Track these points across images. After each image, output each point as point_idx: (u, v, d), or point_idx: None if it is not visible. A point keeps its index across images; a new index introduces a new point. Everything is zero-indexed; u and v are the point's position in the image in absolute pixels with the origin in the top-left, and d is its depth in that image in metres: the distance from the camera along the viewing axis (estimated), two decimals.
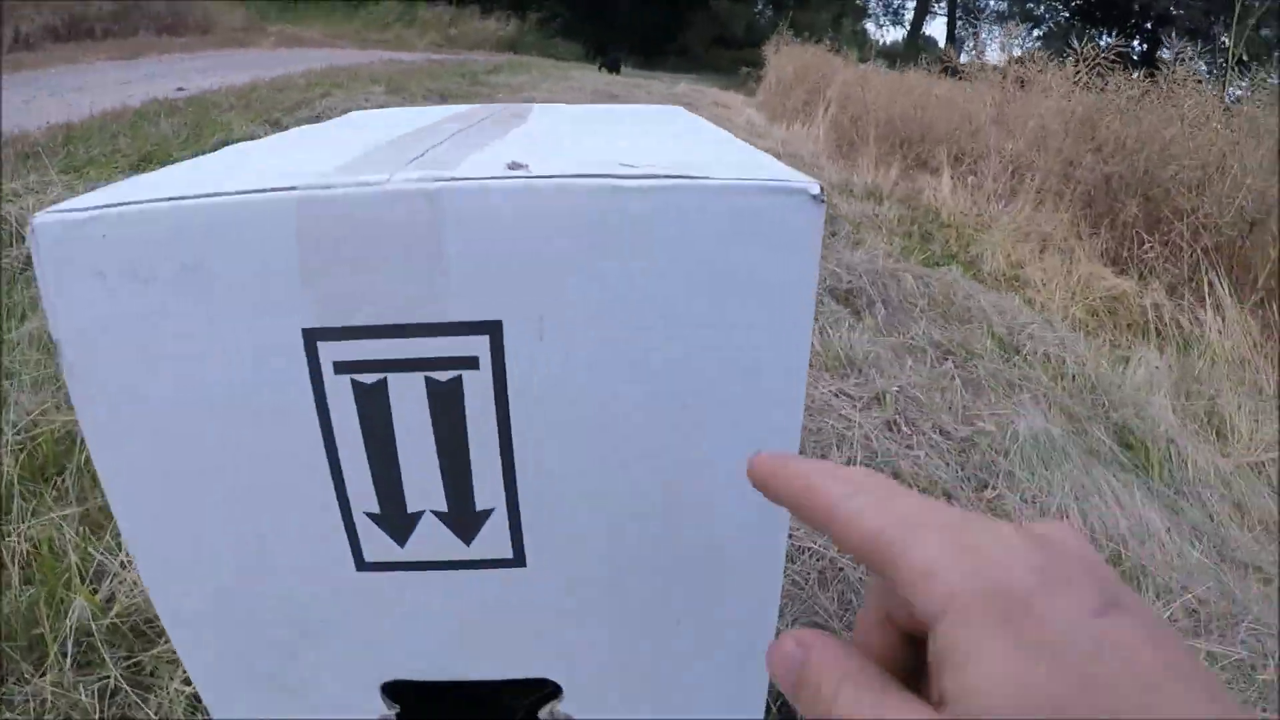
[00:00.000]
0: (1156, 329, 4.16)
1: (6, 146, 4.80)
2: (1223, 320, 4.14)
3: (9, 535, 1.71)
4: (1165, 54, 5.78)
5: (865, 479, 0.41)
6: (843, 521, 0.39)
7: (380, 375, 0.59)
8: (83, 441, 1.93)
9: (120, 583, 1.60)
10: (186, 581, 0.70)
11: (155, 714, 1.38)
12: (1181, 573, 2.08)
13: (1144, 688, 0.30)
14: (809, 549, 1.78)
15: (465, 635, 0.73)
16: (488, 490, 0.65)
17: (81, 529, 1.73)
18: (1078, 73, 6.15)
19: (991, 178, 6.27)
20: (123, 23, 13.96)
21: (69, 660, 1.43)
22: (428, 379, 0.60)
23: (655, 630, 0.75)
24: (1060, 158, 5.89)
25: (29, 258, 2.92)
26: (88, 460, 1.90)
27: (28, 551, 1.67)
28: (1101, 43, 6.35)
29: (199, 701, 1.38)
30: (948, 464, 2.32)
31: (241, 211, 0.56)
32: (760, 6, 41.58)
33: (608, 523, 0.68)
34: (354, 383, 0.60)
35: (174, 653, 1.45)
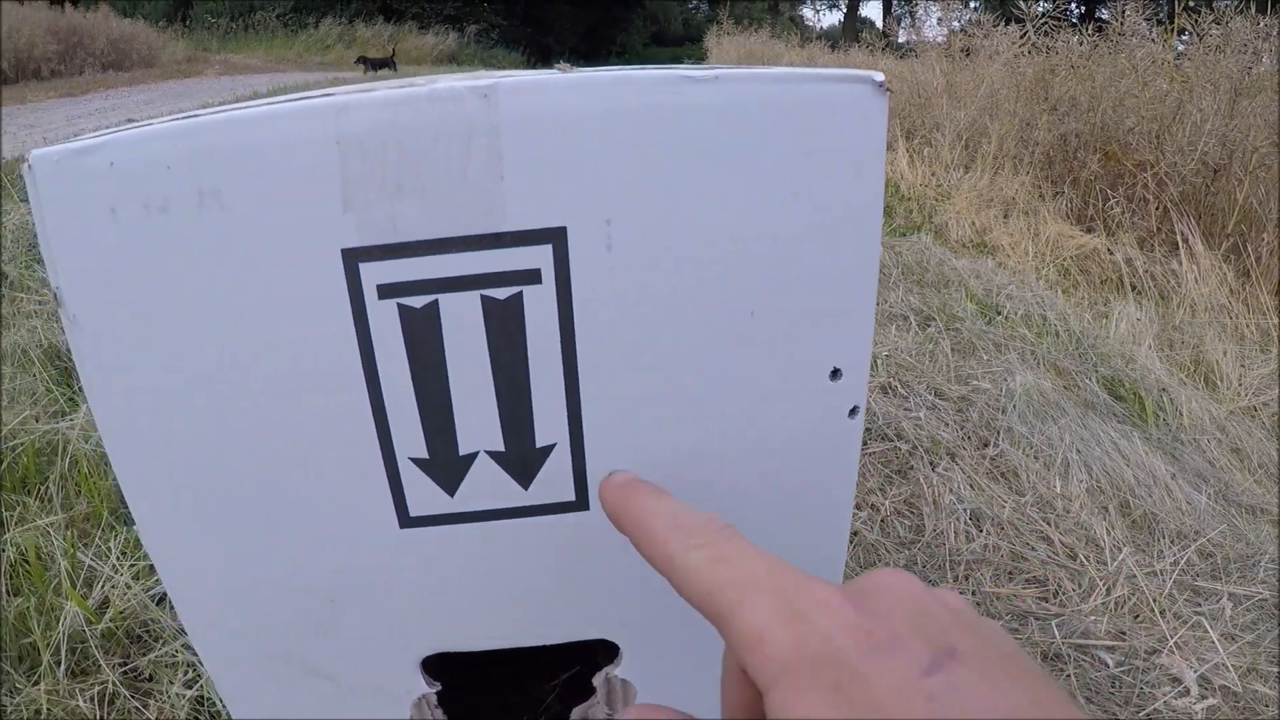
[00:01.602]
0: (1131, 283, 4.15)
1: None
2: (1197, 269, 4.13)
3: None
4: (1103, 14, 5.78)
5: (705, 530, 0.43)
6: (680, 575, 0.42)
7: (431, 297, 0.54)
8: (65, 449, 1.91)
9: (113, 587, 1.55)
10: (203, 555, 0.64)
11: (156, 718, 1.33)
12: (1191, 518, 2.07)
13: None
14: None
15: (517, 596, 0.67)
16: (549, 423, 0.59)
17: (69, 534, 1.68)
18: (1024, 34, 6.16)
19: (947, 147, 6.28)
20: (68, 62, 14.34)
21: (63, 668, 1.39)
22: (484, 297, 0.54)
23: None
24: (1015, 121, 5.89)
25: None
26: (71, 467, 1.86)
27: (13, 560, 1.62)
28: (1039, 8, 6.37)
29: (201, 705, 1.34)
30: (947, 424, 2.30)
31: (272, 125, 0.51)
32: (694, 1, 42.05)
33: (675, 453, 0.62)
34: (401, 307, 0.54)
35: (172, 657, 1.42)
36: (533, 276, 0.54)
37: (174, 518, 0.62)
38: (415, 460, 0.59)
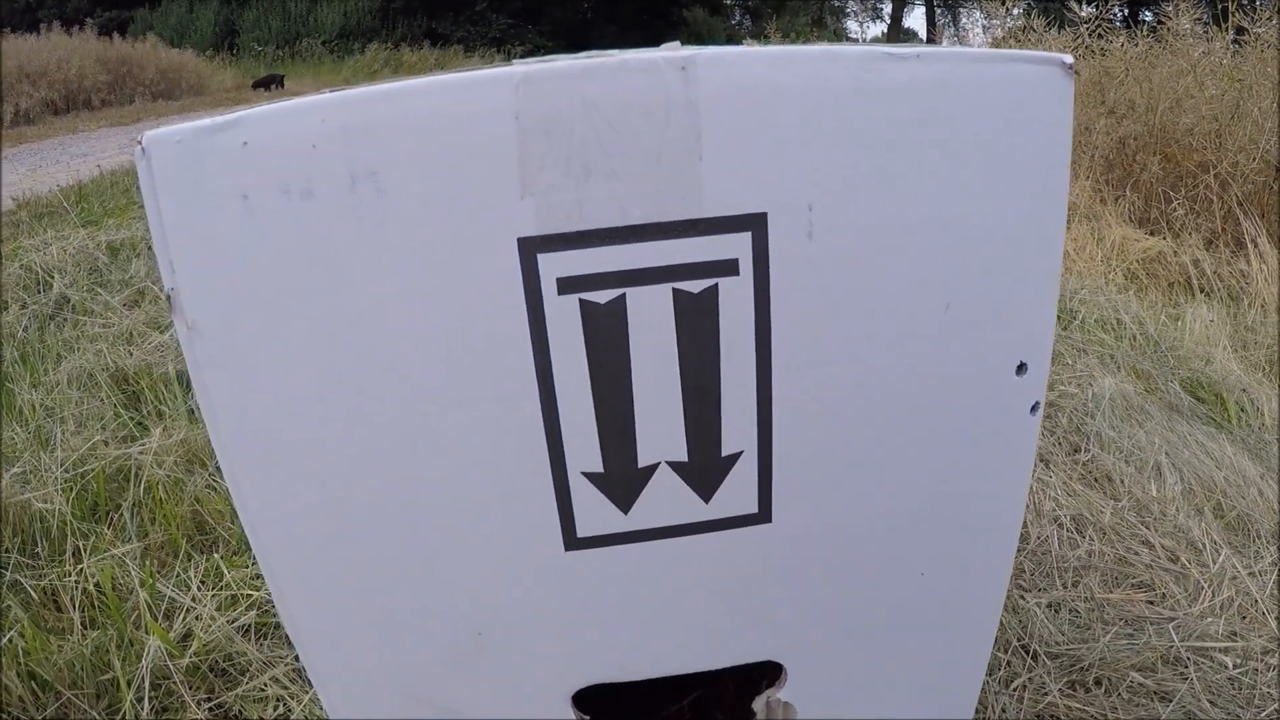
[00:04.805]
0: (1200, 284, 4.10)
1: (21, 210, 4.93)
2: (1266, 268, 4.07)
3: (66, 577, 1.62)
4: (1145, 16, 5.75)
5: None
6: None
7: (618, 291, 0.48)
8: (138, 476, 1.88)
9: (195, 619, 1.52)
10: (332, 585, 0.59)
11: None
12: None
13: None
14: None
15: (686, 619, 0.62)
16: (738, 429, 0.54)
17: (147, 564, 1.64)
18: (1077, 39, 6.10)
19: None
20: (118, 92, 14.73)
21: (146, 706, 1.35)
22: (676, 291, 0.49)
23: (888, 596, 0.64)
24: (1072, 125, 5.82)
25: (59, 301, 2.89)
26: (146, 493, 1.84)
27: (89, 593, 1.58)
28: (1083, 12, 6.32)
29: None
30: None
31: (440, 97, 0.46)
32: (738, 17, 42.32)
33: (863, 450, 0.57)
34: (583, 303, 0.49)
35: (261, 691, 1.38)
36: (730, 268, 0.49)
37: (301, 543, 0.57)
38: (588, 475, 0.54)
